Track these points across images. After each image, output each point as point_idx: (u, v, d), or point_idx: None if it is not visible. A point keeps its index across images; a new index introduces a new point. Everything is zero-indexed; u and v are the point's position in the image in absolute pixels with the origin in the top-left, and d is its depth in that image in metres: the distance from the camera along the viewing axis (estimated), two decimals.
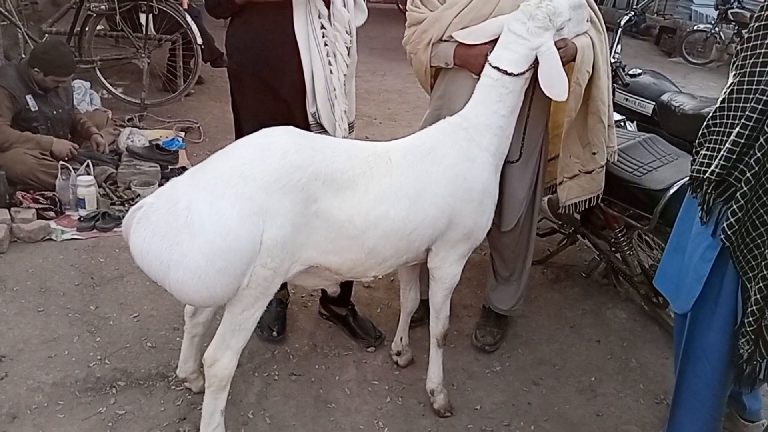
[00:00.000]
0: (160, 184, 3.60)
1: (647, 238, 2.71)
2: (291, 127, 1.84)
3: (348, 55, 2.17)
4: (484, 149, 1.97)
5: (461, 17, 2.06)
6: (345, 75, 2.18)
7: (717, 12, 9.17)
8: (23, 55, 4.41)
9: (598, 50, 2.06)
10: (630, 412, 2.34)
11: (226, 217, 1.59)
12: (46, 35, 4.58)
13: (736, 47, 3.34)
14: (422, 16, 2.17)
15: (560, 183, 2.30)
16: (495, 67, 1.92)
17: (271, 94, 2.18)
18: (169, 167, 3.85)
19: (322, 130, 2.19)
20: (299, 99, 2.17)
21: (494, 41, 1.98)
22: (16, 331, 2.38)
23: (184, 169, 3.87)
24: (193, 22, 4.67)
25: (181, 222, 1.59)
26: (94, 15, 4.48)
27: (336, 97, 2.16)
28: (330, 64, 2.14)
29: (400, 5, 11.32)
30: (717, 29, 8.98)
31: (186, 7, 4.68)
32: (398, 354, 2.43)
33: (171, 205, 1.63)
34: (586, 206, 2.35)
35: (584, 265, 3.22)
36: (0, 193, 3.07)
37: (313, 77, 2.13)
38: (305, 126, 2.15)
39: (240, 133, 2.32)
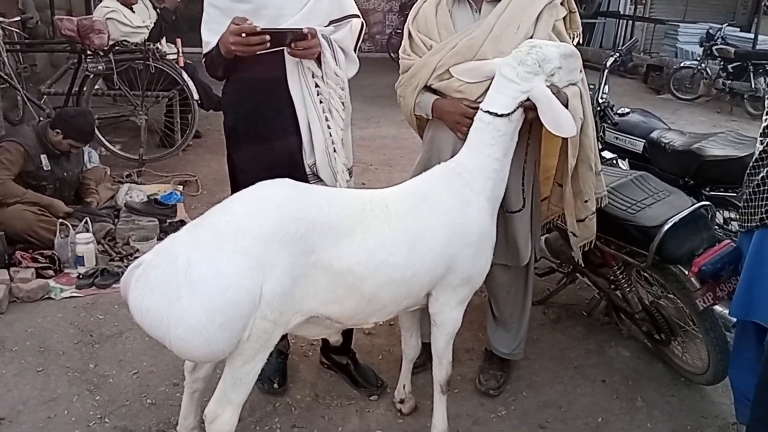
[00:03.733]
0: (159, 239, 3.65)
1: (645, 274, 2.72)
2: (286, 179, 1.86)
3: (343, 109, 2.22)
4: (479, 193, 1.99)
5: (445, 61, 2.12)
6: (342, 129, 2.23)
7: (702, 48, 9.37)
8: (24, 116, 4.52)
9: (585, 99, 2.11)
10: None
11: (225, 271, 1.60)
12: (45, 96, 4.69)
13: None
14: (411, 63, 2.23)
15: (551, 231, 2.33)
16: (486, 111, 1.96)
17: (268, 148, 2.22)
18: (168, 221, 3.88)
19: (319, 181, 2.22)
20: (296, 152, 2.21)
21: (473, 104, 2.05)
22: (15, 392, 2.36)
23: (182, 222, 3.90)
24: (189, 78, 4.77)
25: (180, 278, 1.60)
26: (92, 75, 4.58)
27: (335, 150, 2.20)
28: (327, 120, 2.18)
29: (391, 54, 11.59)
30: (703, 65, 9.16)
31: (182, 64, 4.79)
32: (401, 402, 2.40)
33: (170, 261, 1.64)
34: (582, 251, 2.37)
35: (585, 303, 3.21)
36: None
37: (310, 131, 2.18)
38: (303, 178, 2.19)
39: (236, 187, 2.35)
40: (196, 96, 4.78)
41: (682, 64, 9.57)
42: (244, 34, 1.96)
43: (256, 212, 1.70)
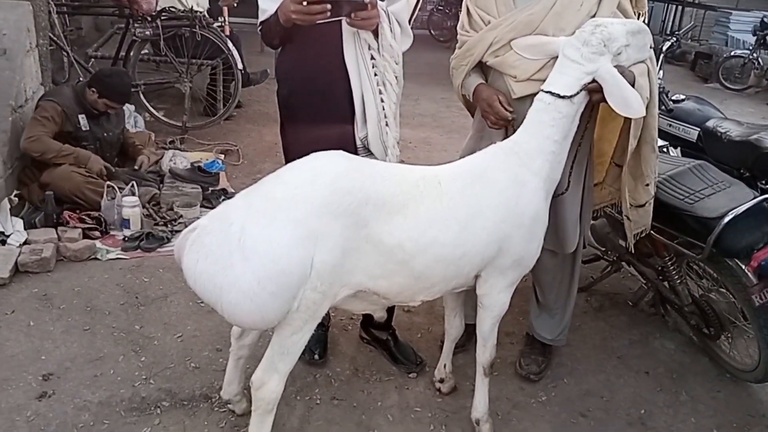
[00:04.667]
0: (202, 206, 3.68)
1: (696, 266, 2.65)
2: (341, 152, 1.85)
3: (397, 83, 2.18)
4: (536, 174, 1.94)
5: (502, 36, 2.06)
6: (395, 103, 2.19)
7: (755, 38, 9.04)
8: (69, 78, 4.56)
9: (653, 77, 2.03)
10: None
11: (278, 241, 1.60)
12: (92, 60, 4.72)
13: None
14: (468, 39, 2.18)
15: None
16: (548, 92, 1.91)
17: (321, 120, 2.20)
18: (210, 189, 3.90)
19: (370, 155, 2.20)
20: (349, 125, 2.19)
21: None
22: (62, 349, 2.41)
23: (224, 191, 3.93)
24: (234, 47, 4.76)
25: (234, 244, 1.60)
26: (139, 40, 4.59)
27: (388, 125, 2.18)
28: (380, 93, 2.15)
29: (431, 31, 11.44)
30: (755, 55, 8.84)
31: (228, 33, 4.78)
32: (441, 381, 2.39)
33: (224, 227, 1.64)
34: (635, 240, 2.30)
35: (629, 293, 3.15)
36: (48, 212, 3.14)
37: (363, 104, 2.15)
38: (354, 151, 2.18)
39: (288, 158, 2.35)
40: (240, 65, 4.77)
41: (732, 53, 9.26)
42: (305, 3, 1.93)
43: (311, 183, 1.69)
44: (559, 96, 1.90)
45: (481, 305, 2.07)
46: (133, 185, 3.44)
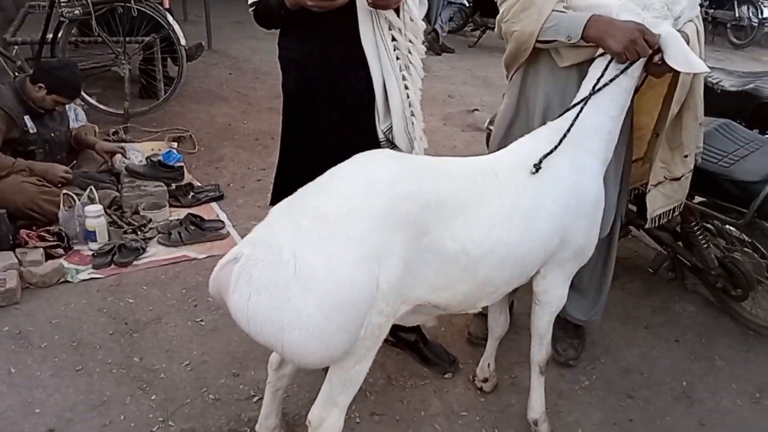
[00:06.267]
0: (171, 205, 3.33)
1: (713, 227, 2.59)
2: (387, 150, 1.65)
3: (422, 66, 1.94)
4: (594, 156, 1.78)
5: None
6: (420, 89, 1.96)
7: None
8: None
9: (701, 36, 1.89)
10: (732, 416, 2.22)
11: (339, 264, 1.37)
12: (15, 47, 4.15)
13: None
14: None
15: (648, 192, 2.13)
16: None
17: (336, 112, 1.96)
18: (174, 185, 3.53)
19: (393, 148, 1.97)
20: (367, 116, 1.95)
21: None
22: (57, 397, 2.08)
23: (190, 185, 3.57)
24: (174, 22, 4.29)
25: (289, 274, 1.35)
26: (68, 21, 4.05)
27: (413, 114, 1.95)
28: (404, 78, 1.91)
29: None
30: None
31: (167, 6, 4.30)
32: (485, 380, 2.24)
33: (273, 255, 1.38)
34: (669, 216, 2.18)
35: (635, 256, 3.09)
36: (2, 233, 2.71)
37: (385, 92, 1.91)
38: (375, 144, 1.94)
39: (288, 154, 2.08)
40: (183, 41, 4.32)
41: None
42: None
43: (365, 192, 1.46)
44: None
45: (537, 302, 1.92)
46: (91, 190, 3.05)
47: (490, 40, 8.01)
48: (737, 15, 8.13)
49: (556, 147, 1.72)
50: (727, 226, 2.50)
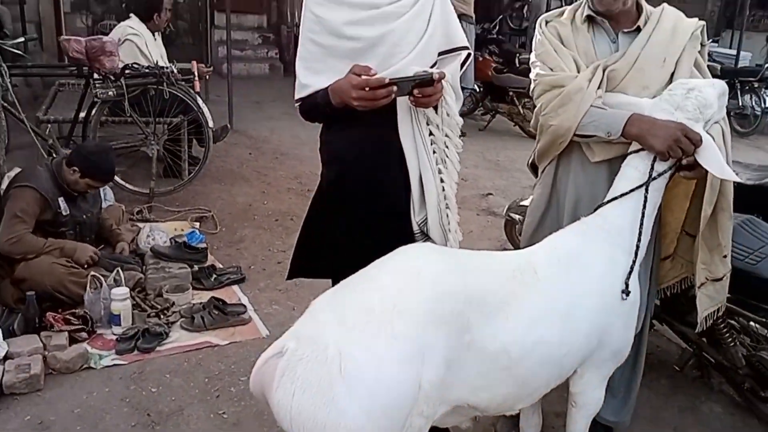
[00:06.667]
0: (193, 287, 3.34)
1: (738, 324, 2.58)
2: (429, 244, 1.71)
3: (459, 159, 2.00)
4: (629, 253, 1.81)
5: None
6: (456, 183, 2.01)
7: None
8: (9, 145, 4.05)
9: (727, 138, 1.95)
10: None
11: (385, 364, 1.37)
12: (48, 125, 4.28)
13: None
14: (559, 80, 1.96)
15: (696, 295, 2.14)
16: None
17: (372, 203, 1.99)
18: (197, 267, 3.56)
19: (428, 240, 2.01)
20: (404, 207, 1.99)
21: None
22: None
23: (213, 267, 3.60)
24: (203, 104, 4.45)
25: (334, 372, 1.35)
26: (101, 101, 4.20)
27: (448, 206, 1.99)
28: (440, 172, 1.97)
29: None
30: None
31: (198, 89, 4.47)
32: None
33: (318, 351, 1.38)
34: (712, 320, 2.18)
35: (658, 351, 3.06)
36: (29, 316, 2.72)
37: (421, 185, 1.96)
38: (410, 236, 1.98)
39: (312, 235, 2.10)
40: (211, 123, 4.46)
41: None
42: (368, 88, 1.73)
43: (410, 287, 1.48)
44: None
45: (574, 404, 1.91)
46: (118, 272, 3.07)
47: (499, 124, 8.20)
48: (741, 104, 8.33)
49: (633, 263, 1.76)
50: (754, 324, 2.50)
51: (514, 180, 6.01)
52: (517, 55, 8.14)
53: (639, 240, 1.79)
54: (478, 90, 8.45)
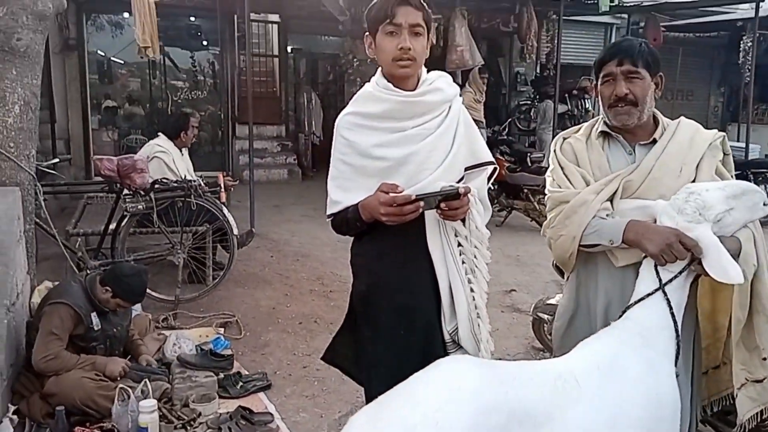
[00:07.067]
0: (219, 396, 3.30)
1: None
2: (466, 356, 1.71)
3: (488, 270, 2.04)
4: (664, 355, 1.79)
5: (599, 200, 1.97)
6: (486, 292, 2.04)
7: None
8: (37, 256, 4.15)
9: (759, 242, 1.97)
10: None
11: None
12: (78, 239, 4.42)
13: None
14: (565, 196, 2.04)
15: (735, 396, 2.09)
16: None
17: (403, 314, 2.02)
18: (223, 374, 3.53)
19: (459, 349, 2.03)
20: (435, 317, 2.03)
21: None
22: None
23: (239, 374, 3.57)
24: (229, 213, 4.59)
25: None
26: (129, 215, 4.35)
27: (479, 316, 2.02)
28: (470, 282, 2.01)
29: None
30: None
31: (224, 200, 4.62)
32: None
33: None
34: (758, 420, 2.11)
35: None
36: (59, 431, 2.70)
37: (451, 295, 2.00)
38: (441, 347, 2.02)
39: (366, 357, 2.11)
40: (236, 231, 4.58)
41: None
42: (396, 204, 1.81)
43: (450, 402, 1.48)
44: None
45: None
46: (145, 383, 3.06)
47: (516, 220, 8.30)
48: None
49: (677, 357, 1.76)
50: None
51: (536, 275, 6.00)
52: (528, 154, 8.38)
53: (678, 337, 1.78)
54: (493, 187, 8.64)
